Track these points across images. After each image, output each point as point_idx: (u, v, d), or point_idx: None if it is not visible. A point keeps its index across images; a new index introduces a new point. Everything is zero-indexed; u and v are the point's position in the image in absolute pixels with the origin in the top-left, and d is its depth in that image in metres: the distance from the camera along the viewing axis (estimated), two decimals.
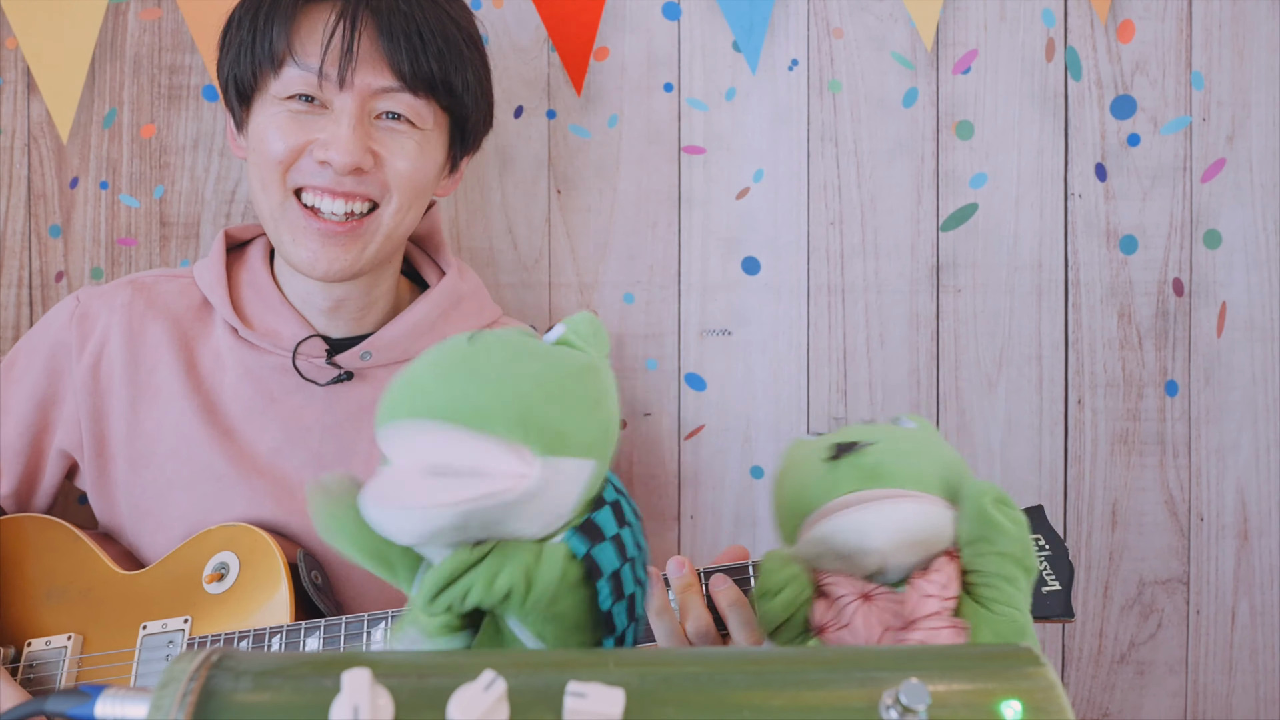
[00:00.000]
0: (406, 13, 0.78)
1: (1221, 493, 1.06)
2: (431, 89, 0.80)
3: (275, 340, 0.85)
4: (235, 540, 0.81)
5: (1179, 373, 1.06)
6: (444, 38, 0.80)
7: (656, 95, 1.04)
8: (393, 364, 0.86)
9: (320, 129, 0.79)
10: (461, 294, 0.90)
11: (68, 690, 0.42)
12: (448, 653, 0.44)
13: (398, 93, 0.79)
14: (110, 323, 0.87)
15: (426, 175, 0.82)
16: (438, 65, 0.79)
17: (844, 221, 1.05)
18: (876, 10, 1.04)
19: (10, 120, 1.03)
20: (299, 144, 0.79)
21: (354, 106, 0.78)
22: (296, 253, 0.81)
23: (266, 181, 0.80)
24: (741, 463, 1.07)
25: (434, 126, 0.82)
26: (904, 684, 0.36)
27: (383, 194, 0.81)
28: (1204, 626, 1.07)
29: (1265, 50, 1.04)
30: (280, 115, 0.79)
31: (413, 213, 0.83)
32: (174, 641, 0.79)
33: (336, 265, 0.81)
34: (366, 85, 0.78)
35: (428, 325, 0.87)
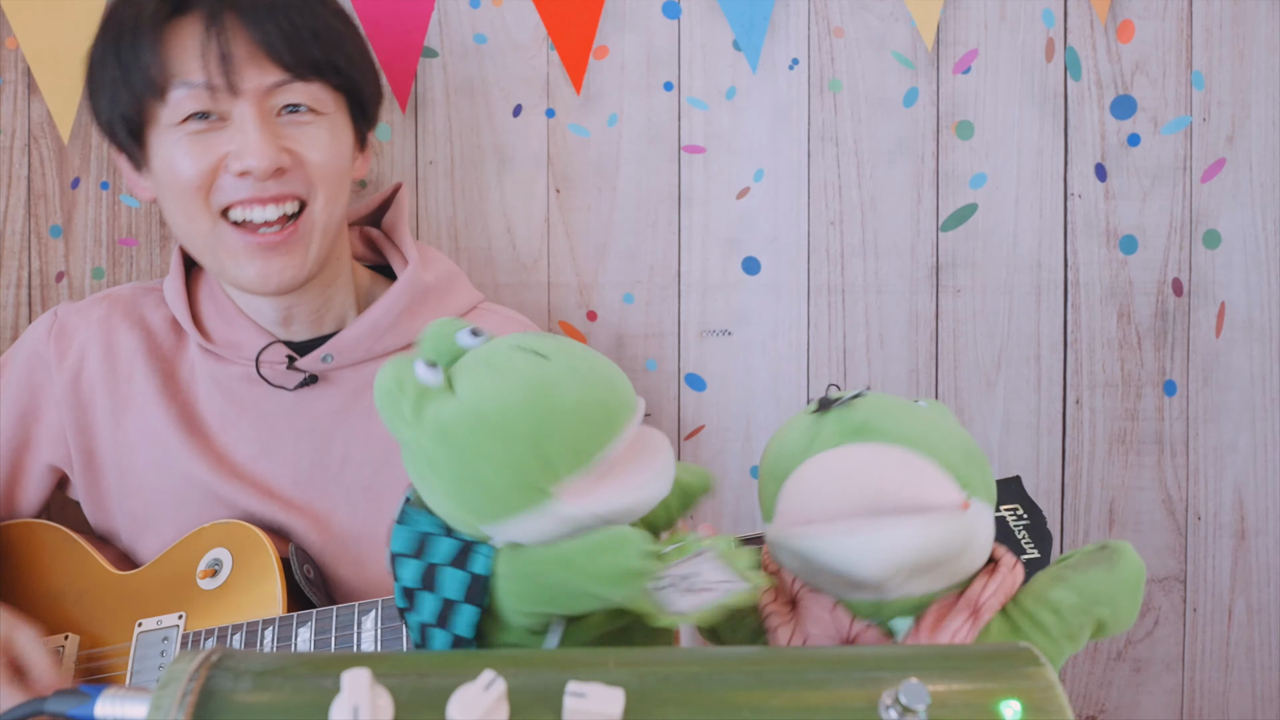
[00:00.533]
0: (269, 4, 0.77)
1: (1219, 492, 1.07)
2: (319, 71, 0.78)
3: (237, 351, 0.85)
4: (229, 536, 0.81)
5: (1177, 373, 1.06)
6: (314, 18, 0.79)
7: (656, 94, 1.04)
8: (360, 363, 0.85)
9: (228, 141, 0.77)
10: (426, 285, 0.88)
11: (68, 690, 0.42)
12: (447, 653, 0.44)
13: (290, 84, 0.77)
14: (88, 337, 0.87)
15: (343, 159, 0.82)
16: (317, 47, 0.78)
17: (844, 221, 1.05)
18: (877, 10, 1.04)
19: (10, 120, 1.03)
20: (211, 163, 0.77)
21: (253, 110, 0.76)
22: (242, 273, 0.79)
23: (190, 211, 0.78)
24: (742, 463, 1.07)
25: (335, 109, 0.81)
26: (903, 684, 0.36)
27: (308, 189, 0.79)
28: (1200, 625, 1.07)
29: (1265, 50, 1.04)
30: (182, 141, 0.77)
31: (340, 201, 0.82)
32: (169, 638, 0.79)
33: (287, 275, 0.79)
34: (258, 85, 0.77)
35: (389, 323, 0.86)
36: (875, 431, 0.45)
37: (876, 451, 0.45)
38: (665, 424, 1.07)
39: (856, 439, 0.45)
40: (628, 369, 1.07)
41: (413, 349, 0.51)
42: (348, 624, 0.74)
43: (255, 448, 0.84)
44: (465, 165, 1.05)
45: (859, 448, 0.45)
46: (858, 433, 0.45)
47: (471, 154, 1.05)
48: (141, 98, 0.77)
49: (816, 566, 0.46)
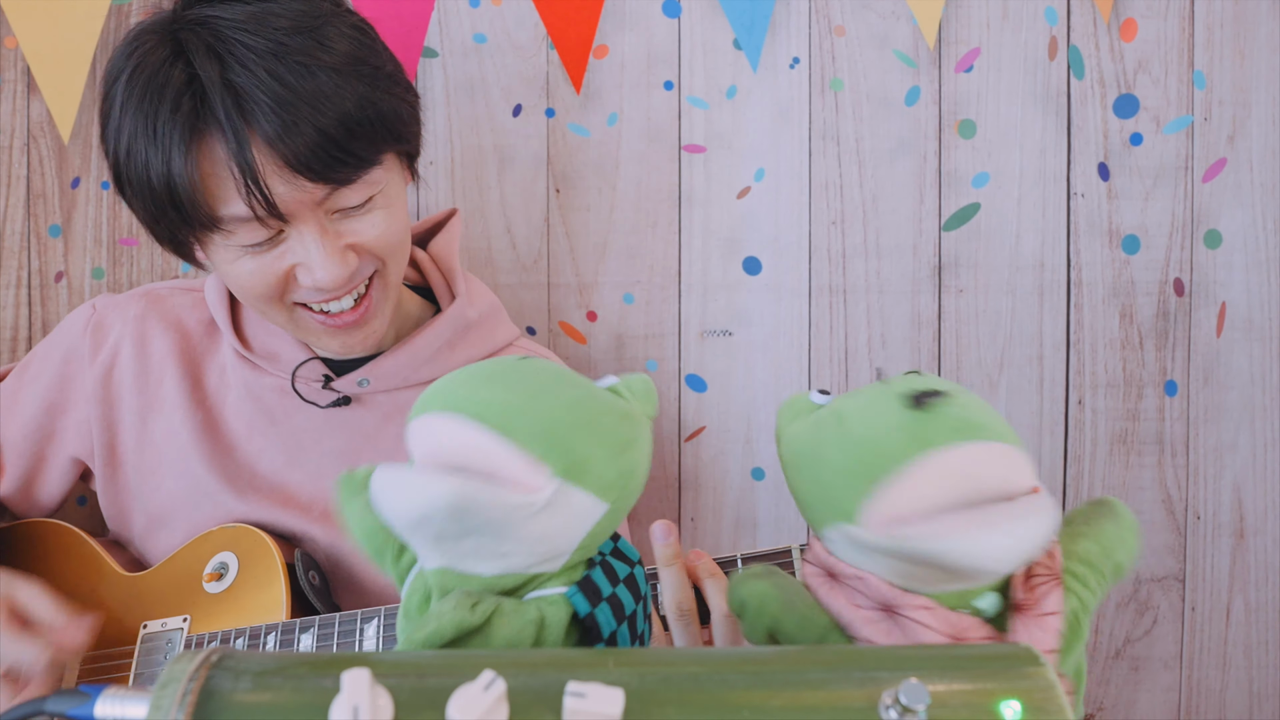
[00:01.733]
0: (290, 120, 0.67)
1: (1219, 492, 1.07)
2: (362, 167, 0.72)
3: (275, 362, 0.85)
4: (235, 541, 0.82)
5: (1178, 373, 1.06)
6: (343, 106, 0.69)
7: (656, 93, 1.04)
8: (393, 390, 0.86)
9: (293, 253, 0.73)
10: (470, 322, 0.88)
11: (68, 690, 0.42)
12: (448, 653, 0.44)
13: (336, 192, 0.71)
14: (123, 334, 0.87)
15: (403, 221, 0.78)
16: (352, 146, 0.70)
17: (845, 221, 1.05)
18: (879, 8, 1.04)
19: (10, 120, 1.03)
20: (279, 274, 0.73)
21: (314, 227, 0.71)
22: (323, 344, 0.80)
23: (264, 309, 0.77)
24: (742, 464, 1.07)
25: (385, 174, 0.75)
26: (903, 684, 0.36)
27: (376, 263, 0.77)
28: (1199, 623, 1.07)
29: (1267, 50, 1.04)
30: (244, 259, 0.73)
31: (405, 255, 0.81)
32: (172, 640, 0.79)
33: (370, 342, 0.80)
34: (312, 200, 0.71)
35: (429, 354, 0.85)
36: (984, 429, 0.45)
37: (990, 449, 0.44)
38: (665, 425, 1.07)
39: (968, 437, 0.44)
40: (628, 369, 1.07)
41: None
42: (350, 631, 0.75)
43: (279, 460, 0.84)
44: (465, 165, 1.05)
45: (974, 447, 0.44)
46: (968, 430, 0.44)
47: (471, 154, 1.05)
48: (191, 234, 0.72)
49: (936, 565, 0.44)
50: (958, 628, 0.46)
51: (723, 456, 1.06)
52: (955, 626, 0.46)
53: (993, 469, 0.44)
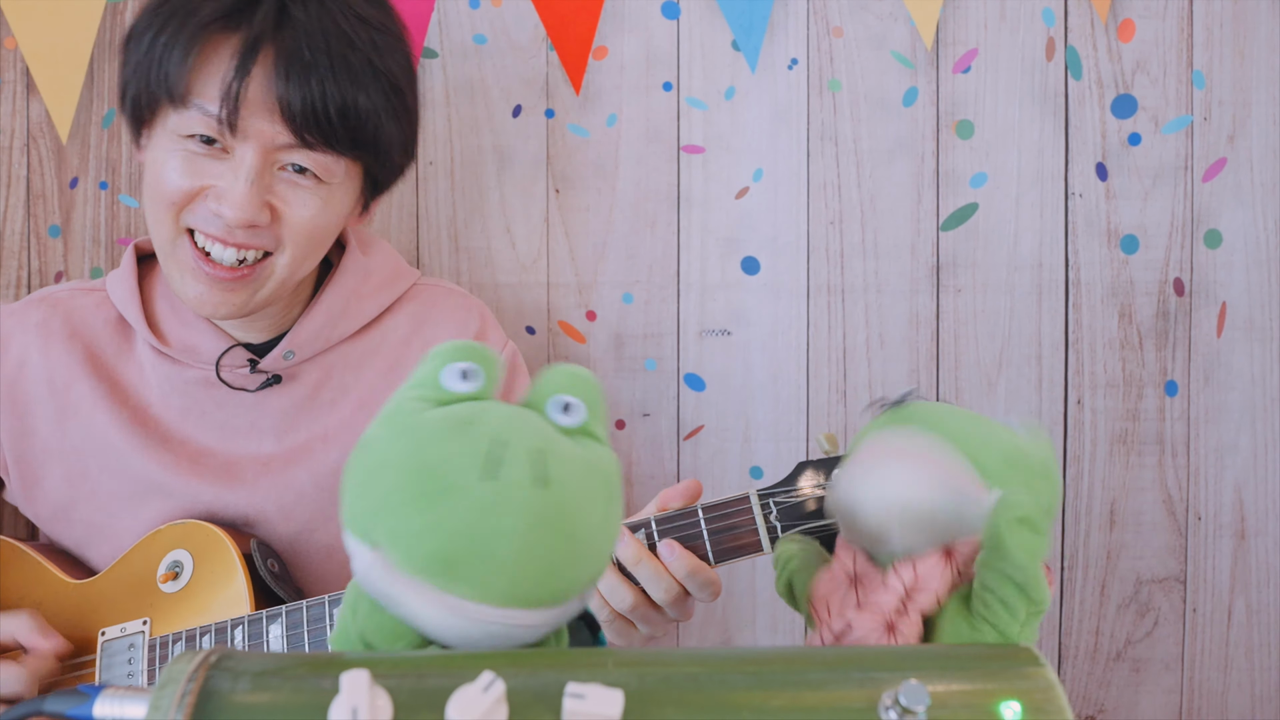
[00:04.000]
0: (310, 59, 0.71)
1: (1219, 492, 1.07)
2: (334, 146, 0.74)
3: (195, 355, 0.83)
4: (187, 537, 0.79)
5: (1179, 373, 1.06)
6: (352, 84, 0.73)
7: (655, 94, 1.04)
8: (318, 355, 0.85)
9: (218, 175, 0.74)
10: (367, 268, 0.87)
11: (66, 690, 0.41)
12: (447, 653, 0.44)
13: (298, 149, 0.73)
14: (26, 342, 0.84)
15: (328, 226, 0.78)
16: (341, 122, 0.72)
17: (844, 221, 1.05)
18: (876, 9, 1.04)
19: (9, 120, 1.03)
20: (194, 187, 0.74)
21: (254, 159, 0.73)
22: (184, 290, 0.78)
23: (159, 216, 0.76)
24: (741, 463, 1.07)
25: (344, 179, 0.77)
26: (903, 685, 0.36)
27: (276, 244, 0.77)
28: (1200, 625, 1.07)
29: (1266, 49, 1.04)
30: (178, 154, 0.74)
31: (310, 260, 0.80)
32: (135, 644, 0.77)
33: (224, 309, 0.78)
34: (268, 139, 0.73)
35: (341, 308, 0.85)
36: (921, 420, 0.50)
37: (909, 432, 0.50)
38: (664, 424, 1.07)
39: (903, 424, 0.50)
40: (627, 369, 1.07)
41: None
42: (319, 617, 0.73)
43: (216, 447, 0.83)
44: (465, 165, 1.05)
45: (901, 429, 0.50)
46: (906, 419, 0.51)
47: (471, 154, 1.05)
48: (157, 96, 0.74)
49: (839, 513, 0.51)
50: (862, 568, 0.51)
51: (721, 455, 1.06)
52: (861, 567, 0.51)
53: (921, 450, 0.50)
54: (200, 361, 0.83)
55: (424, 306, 0.90)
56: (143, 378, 0.84)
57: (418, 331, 0.89)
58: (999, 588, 0.47)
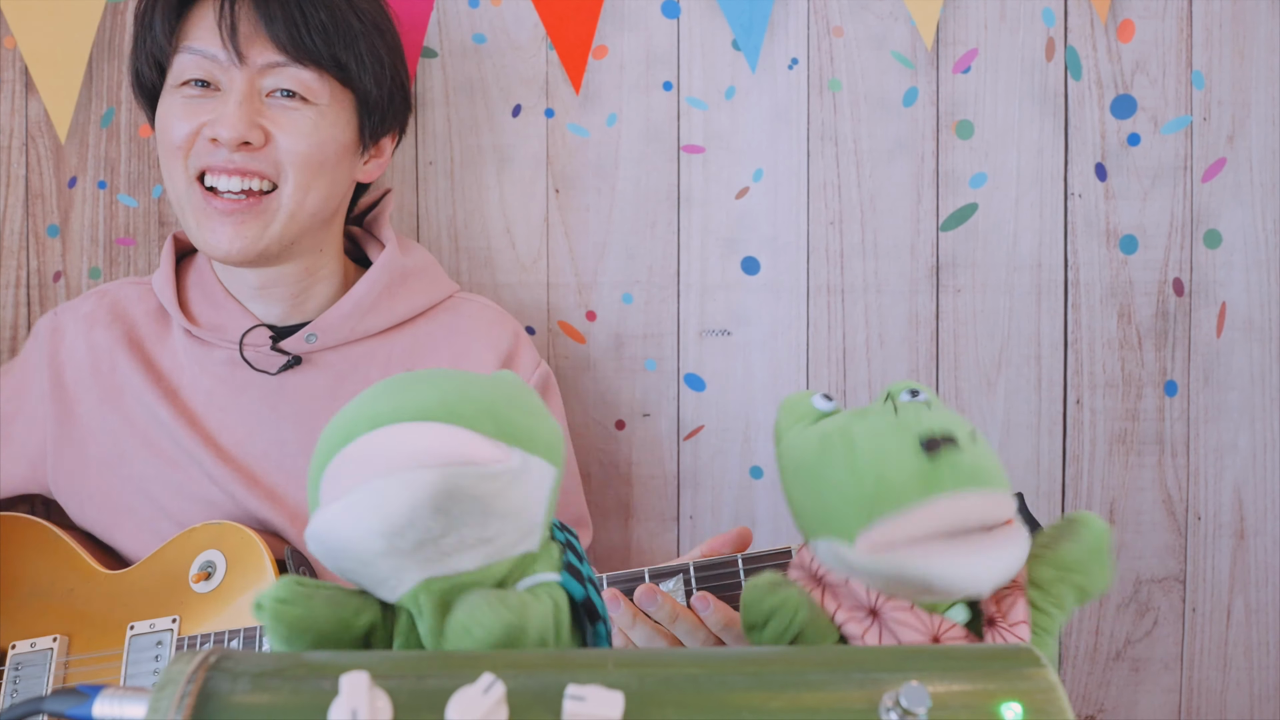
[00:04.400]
0: None
1: (1219, 492, 1.07)
2: (318, 62, 0.80)
3: (221, 334, 0.86)
4: (221, 538, 0.80)
5: (1178, 373, 1.06)
6: (328, 10, 0.80)
7: (655, 94, 1.04)
8: (340, 345, 0.87)
9: (212, 110, 0.80)
10: (406, 269, 0.90)
11: (66, 690, 0.41)
12: (447, 654, 0.44)
13: (284, 67, 0.80)
14: (75, 332, 0.89)
15: (325, 151, 0.82)
16: (321, 39, 0.80)
17: (844, 221, 1.05)
18: (876, 9, 1.04)
19: (8, 120, 1.03)
20: (194, 127, 0.80)
21: (241, 83, 0.79)
22: (203, 236, 0.82)
23: (171, 168, 0.82)
24: (741, 463, 1.07)
25: (331, 102, 0.82)
26: (904, 686, 0.36)
27: (278, 173, 0.81)
28: (1199, 624, 1.07)
29: (1266, 50, 1.04)
30: (176, 102, 0.81)
31: (315, 191, 0.82)
32: (162, 641, 0.78)
33: (238, 244, 0.81)
34: (251, 62, 0.79)
35: (370, 303, 0.88)
36: (985, 478, 0.49)
37: (983, 497, 0.49)
38: (664, 424, 1.07)
39: (970, 485, 0.48)
40: (627, 369, 1.07)
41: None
42: None
43: (240, 433, 0.85)
44: (465, 165, 1.05)
45: (971, 495, 0.48)
46: (971, 479, 0.49)
47: (471, 154, 1.05)
48: (154, 59, 0.82)
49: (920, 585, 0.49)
50: (937, 629, 0.50)
51: (721, 455, 1.06)
52: (933, 626, 0.50)
53: (980, 511, 0.49)
54: (226, 340, 0.86)
55: (460, 318, 0.93)
56: (177, 364, 0.88)
57: (449, 341, 0.91)
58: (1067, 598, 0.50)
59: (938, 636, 0.50)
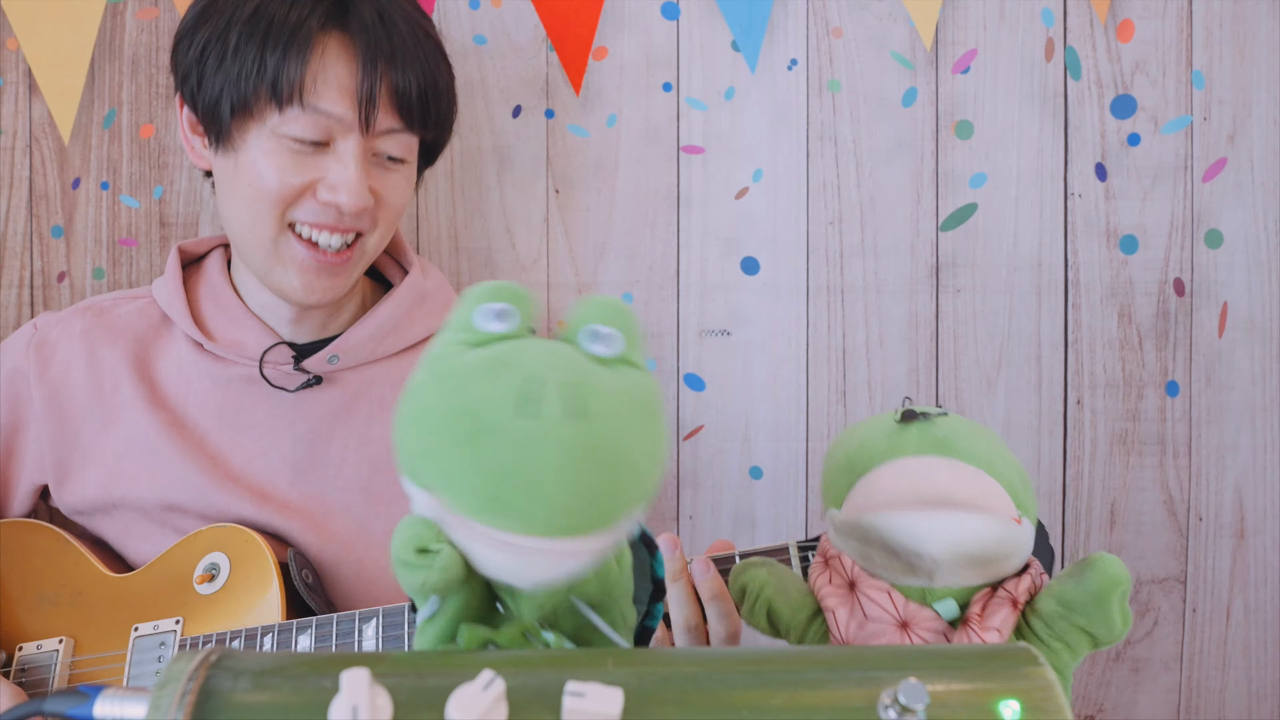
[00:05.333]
0: (413, 53, 0.79)
1: (1220, 492, 1.07)
2: (427, 126, 0.82)
3: (240, 350, 0.85)
4: (225, 541, 0.81)
5: (1180, 373, 1.06)
6: (438, 73, 0.81)
7: (655, 95, 1.04)
8: (360, 365, 0.86)
9: (323, 168, 0.78)
10: (425, 292, 0.91)
11: (66, 690, 0.42)
12: (446, 652, 0.44)
13: (400, 133, 0.80)
14: (71, 349, 0.87)
15: (407, 202, 0.85)
16: (437, 105, 0.81)
17: (843, 221, 1.05)
18: (876, 10, 1.04)
19: (12, 121, 1.03)
20: (303, 183, 0.78)
21: (360, 149, 0.78)
22: (289, 282, 0.81)
23: (260, 215, 0.79)
24: (740, 463, 1.07)
25: (414, 155, 0.84)
26: (902, 684, 0.36)
27: (371, 225, 0.82)
28: (1199, 624, 1.07)
29: (1266, 49, 1.04)
30: (281, 152, 0.77)
31: (390, 235, 0.86)
32: (166, 643, 0.78)
33: (330, 293, 0.82)
34: (378, 128, 0.79)
35: (392, 325, 0.88)
36: (953, 448, 0.51)
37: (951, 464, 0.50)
38: None
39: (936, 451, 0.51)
40: None
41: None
42: (348, 631, 0.74)
43: (252, 449, 0.84)
44: (465, 166, 1.05)
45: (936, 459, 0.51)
46: (937, 446, 0.51)
47: (471, 154, 1.05)
48: (261, 96, 0.76)
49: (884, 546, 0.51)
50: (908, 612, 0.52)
51: (721, 455, 1.07)
52: (906, 611, 0.52)
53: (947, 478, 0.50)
54: (245, 357, 0.85)
55: None
56: (183, 379, 0.86)
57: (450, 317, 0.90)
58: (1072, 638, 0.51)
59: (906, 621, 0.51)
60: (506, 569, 0.42)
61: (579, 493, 0.40)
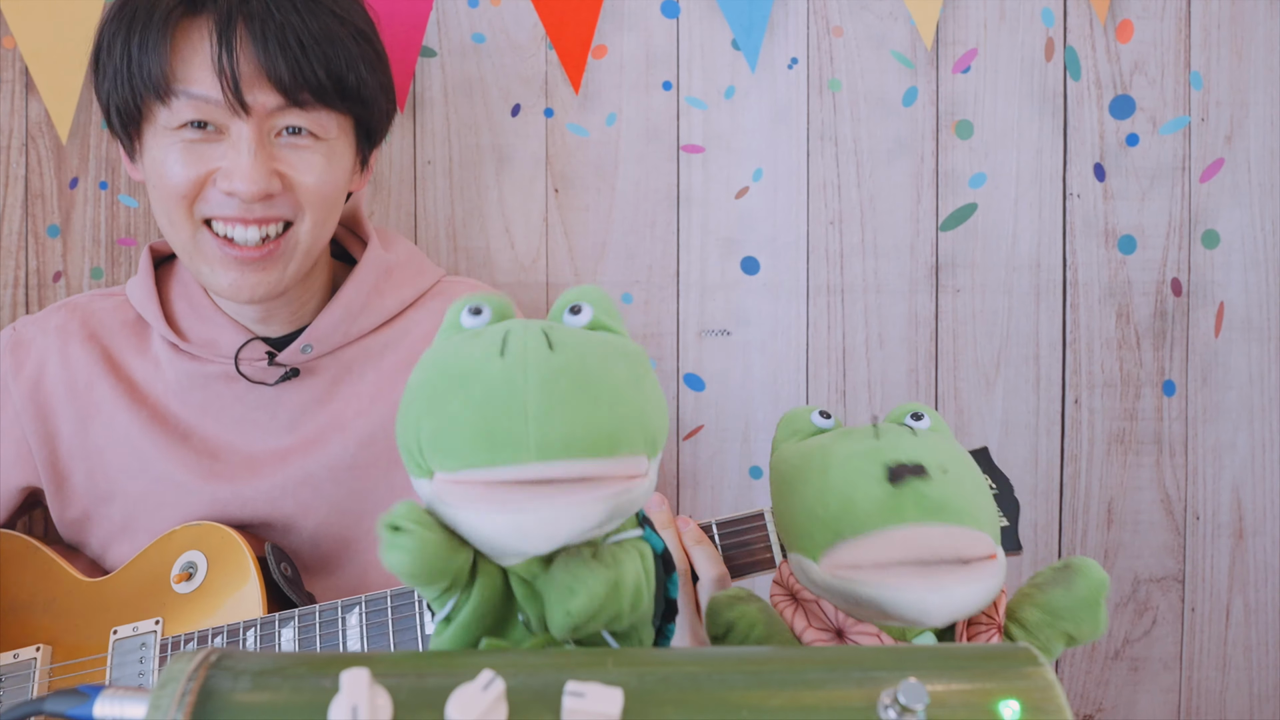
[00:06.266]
0: (281, 21, 0.74)
1: (1217, 491, 1.07)
2: (323, 99, 0.76)
3: (214, 349, 0.84)
4: (201, 539, 0.80)
5: (1176, 373, 1.06)
6: (327, 39, 0.76)
7: (655, 94, 1.04)
8: (336, 349, 0.86)
9: (220, 156, 0.76)
10: (389, 264, 0.89)
11: (66, 690, 0.42)
12: (446, 652, 0.44)
13: (290, 109, 0.76)
14: (45, 346, 0.86)
15: (337, 184, 0.80)
16: (324, 72, 0.75)
17: (843, 221, 1.05)
18: (876, 9, 1.04)
19: (8, 120, 1.03)
20: (200, 175, 0.76)
21: (251, 131, 0.75)
22: (217, 281, 0.79)
23: (173, 216, 0.78)
24: (740, 463, 1.07)
25: (339, 133, 0.79)
26: (902, 683, 0.36)
27: (295, 212, 0.78)
28: (1199, 624, 1.07)
29: (1264, 50, 1.04)
30: (175, 147, 0.76)
31: (329, 224, 0.82)
32: (146, 644, 0.78)
33: (260, 289, 0.79)
34: (260, 106, 0.75)
35: (360, 304, 0.86)
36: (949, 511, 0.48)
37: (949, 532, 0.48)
38: None
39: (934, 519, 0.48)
40: None
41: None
42: (331, 622, 0.74)
43: (238, 442, 0.84)
44: (464, 165, 1.05)
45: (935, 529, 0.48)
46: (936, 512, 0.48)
47: (470, 154, 1.05)
48: (142, 95, 0.76)
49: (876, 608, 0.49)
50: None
51: (721, 455, 1.07)
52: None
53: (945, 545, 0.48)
54: (219, 355, 0.84)
55: (448, 303, 0.91)
56: (160, 376, 0.85)
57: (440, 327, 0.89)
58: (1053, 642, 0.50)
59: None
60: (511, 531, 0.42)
61: (563, 411, 0.41)
